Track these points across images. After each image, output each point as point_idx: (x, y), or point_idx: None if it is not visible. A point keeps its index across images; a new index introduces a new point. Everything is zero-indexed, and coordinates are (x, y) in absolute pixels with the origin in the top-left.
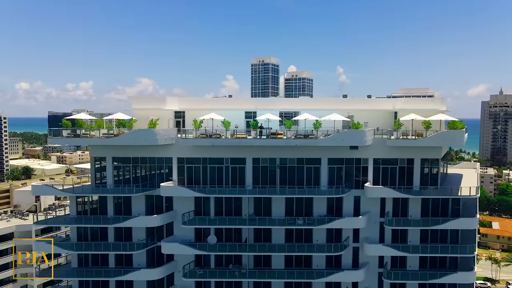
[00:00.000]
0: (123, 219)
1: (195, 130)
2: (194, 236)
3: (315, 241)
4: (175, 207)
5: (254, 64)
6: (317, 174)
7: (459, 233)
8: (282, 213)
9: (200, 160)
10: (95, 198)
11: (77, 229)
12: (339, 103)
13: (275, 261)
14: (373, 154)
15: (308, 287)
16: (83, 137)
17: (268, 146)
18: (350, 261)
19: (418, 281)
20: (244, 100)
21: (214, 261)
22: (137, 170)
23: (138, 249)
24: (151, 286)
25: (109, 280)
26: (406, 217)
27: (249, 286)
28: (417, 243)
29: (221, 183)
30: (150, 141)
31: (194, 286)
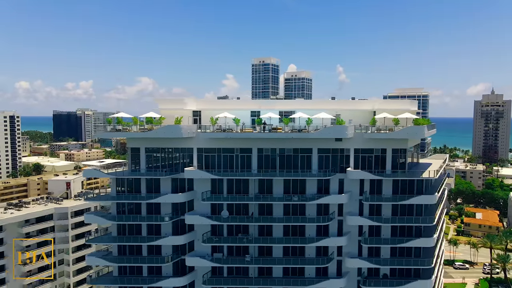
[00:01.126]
0: (155, 196)
1: (212, 126)
2: (210, 210)
3: (308, 214)
4: (195, 188)
5: (255, 64)
6: (309, 161)
7: (422, 208)
8: (281, 192)
9: (215, 149)
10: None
11: (117, 204)
12: (328, 104)
13: (276, 231)
14: (354, 145)
15: (302, 251)
16: (123, 131)
17: (270, 139)
18: (336, 230)
19: (389, 245)
20: (249, 101)
21: (226, 230)
22: (164, 158)
23: (166, 220)
24: (176, 250)
25: (142, 246)
26: (380, 195)
27: (254, 250)
28: (389, 216)
29: (232, 168)
30: (176, 134)
31: (210, 250)
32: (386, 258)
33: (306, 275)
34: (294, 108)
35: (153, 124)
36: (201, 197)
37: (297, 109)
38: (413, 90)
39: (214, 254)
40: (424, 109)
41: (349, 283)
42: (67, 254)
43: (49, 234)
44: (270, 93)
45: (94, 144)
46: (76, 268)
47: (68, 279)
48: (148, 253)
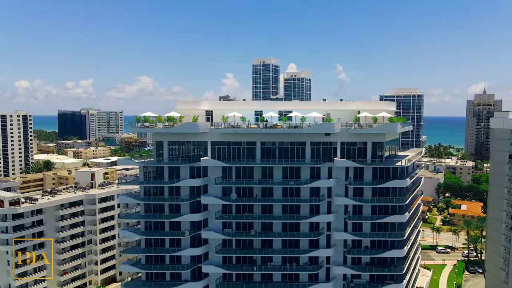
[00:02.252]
0: (176, 181)
1: (223, 123)
2: (221, 193)
3: (302, 196)
4: (209, 174)
5: (255, 64)
6: (303, 152)
7: (397, 190)
8: (280, 178)
9: (226, 143)
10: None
11: (144, 188)
12: (320, 105)
13: (276, 210)
14: (340, 138)
15: (297, 227)
16: (151, 127)
17: (271, 134)
18: (326, 209)
19: (369, 221)
20: (253, 103)
21: (234, 209)
22: (184, 150)
23: (185, 201)
24: (193, 226)
25: (164, 222)
26: (362, 180)
27: (258, 226)
28: (369, 197)
29: (239, 157)
30: (194, 130)
31: (221, 226)
32: (367, 232)
33: (301, 247)
34: (291, 108)
35: (173, 121)
36: (214, 182)
37: (294, 109)
38: (408, 90)
39: (225, 230)
40: (418, 108)
41: (337, 253)
42: (95, 234)
43: (80, 217)
44: (270, 92)
45: (98, 142)
46: (102, 247)
47: (95, 256)
48: (169, 228)
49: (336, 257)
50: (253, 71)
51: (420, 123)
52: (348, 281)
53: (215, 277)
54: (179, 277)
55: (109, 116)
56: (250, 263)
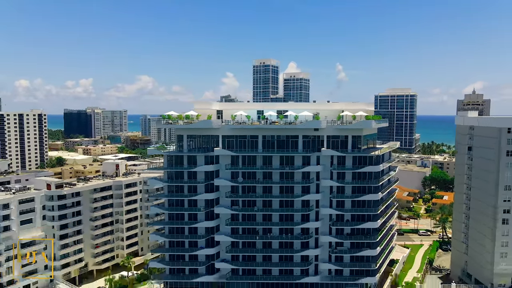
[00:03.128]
0: (193, 167)
1: (232, 120)
2: (230, 176)
3: (295, 179)
4: (220, 161)
5: (256, 65)
6: (296, 144)
7: (372, 174)
8: (278, 164)
9: (234, 136)
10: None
11: (168, 172)
12: (311, 105)
13: (274, 190)
14: (326, 133)
15: (292, 204)
16: (180, 123)
17: (270, 129)
18: (315, 190)
19: (350, 199)
20: (256, 104)
21: (241, 190)
22: (200, 142)
23: (201, 183)
24: (207, 203)
25: (184, 200)
26: (344, 166)
27: (260, 203)
28: (350, 180)
29: (244, 148)
30: (209, 126)
31: (230, 203)
32: (348, 208)
33: (294, 220)
34: (287, 108)
35: (191, 119)
36: (225, 168)
37: (289, 108)
38: (402, 90)
39: (233, 206)
40: (411, 107)
41: (323, 225)
42: (121, 215)
43: (109, 200)
44: (270, 92)
45: (104, 140)
46: (127, 226)
47: (121, 233)
48: (188, 205)
49: (323, 228)
50: (254, 72)
51: (413, 121)
52: (333, 248)
53: (225, 245)
54: (196, 245)
55: (113, 115)
56: (254, 233)
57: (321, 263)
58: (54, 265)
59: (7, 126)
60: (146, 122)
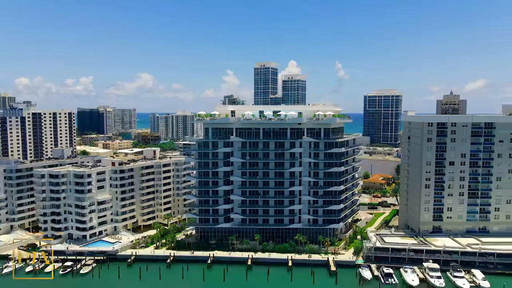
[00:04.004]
0: (215, 149)
1: (241, 117)
2: (241, 155)
3: (285, 157)
4: (234, 145)
5: (257, 67)
6: (286, 133)
7: (338, 154)
8: (273, 147)
9: (243, 128)
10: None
11: (198, 153)
12: (297, 107)
13: (271, 165)
14: (306, 126)
15: (283, 174)
16: (203, 121)
17: (268, 123)
18: (299, 164)
19: (323, 171)
20: (258, 106)
21: (248, 165)
22: (220, 132)
23: (221, 160)
24: (225, 174)
25: (209, 171)
26: (318, 148)
27: (260, 174)
28: (322, 158)
29: (250, 136)
30: (227, 121)
31: (241, 174)
32: (321, 177)
33: (285, 185)
34: (280, 109)
35: (213, 116)
36: (237, 149)
37: (281, 109)
38: (388, 91)
39: (243, 176)
40: (396, 106)
41: (304, 189)
42: (160, 187)
43: (151, 175)
44: (270, 92)
45: (117, 137)
46: (164, 195)
47: (160, 200)
48: (212, 175)
49: (304, 191)
50: (255, 73)
51: (398, 119)
52: (311, 205)
53: (237, 202)
54: (217, 202)
55: (123, 114)
56: (256, 194)
57: (303, 214)
58: (116, 218)
59: (44, 123)
60: (154, 120)
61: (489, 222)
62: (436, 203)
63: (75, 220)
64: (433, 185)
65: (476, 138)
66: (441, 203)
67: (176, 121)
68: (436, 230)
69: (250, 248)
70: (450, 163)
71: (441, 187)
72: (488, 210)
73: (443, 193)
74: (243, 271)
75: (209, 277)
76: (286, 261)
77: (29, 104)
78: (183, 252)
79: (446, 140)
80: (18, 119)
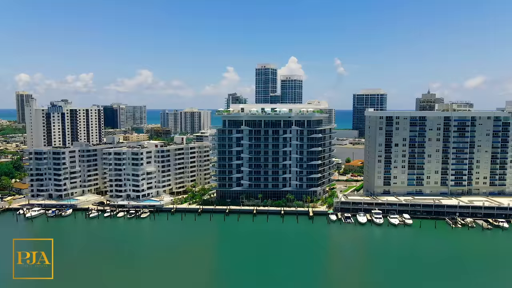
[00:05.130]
0: (231, 134)
1: (249, 112)
2: (249, 139)
3: (280, 141)
4: (243, 132)
5: (258, 68)
6: (280, 123)
7: (316, 138)
8: (271, 133)
9: (250, 120)
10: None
11: (219, 137)
12: (288, 106)
13: (269, 146)
14: (295, 118)
15: (278, 152)
16: (224, 114)
17: (268, 117)
18: (289, 146)
19: (306, 150)
20: (260, 104)
21: (254, 146)
22: (235, 123)
23: (234, 142)
24: (237, 152)
25: (226, 150)
26: (303, 134)
27: (262, 152)
28: (306, 141)
29: (255, 126)
30: (239, 115)
31: (249, 152)
32: (305, 154)
33: (279, 161)
34: (276, 107)
35: (229, 112)
36: (245, 135)
37: (277, 107)
38: (374, 90)
39: (249, 154)
40: (381, 104)
41: (293, 162)
42: (187, 163)
43: (181, 155)
44: (270, 91)
45: (130, 131)
46: (190, 170)
47: (188, 173)
48: (227, 154)
49: (293, 165)
50: (256, 73)
51: None
52: (298, 174)
53: (246, 172)
54: (231, 172)
55: (135, 110)
56: (259, 167)
57: (292, 181)
58: (158, 185)
59: (79, 118)
60: (164, 115)
61: (423, 186)
62: (386, 174)
63: (132, 185)
64: (383, 161)
65: (413, 127)
66: (389, 173)
67: (184, 117)
68: (386, 192)
69: (254, 204)
70: (395, 145)
71: (389, 162)
72: (422, 178)
73: (390, 166)
74: (250, 218)
75: (227, 221)
76: (280, 211)
77: (66, 102)
78: (208, 206)
79: (392, 129)
80: (59, 114)
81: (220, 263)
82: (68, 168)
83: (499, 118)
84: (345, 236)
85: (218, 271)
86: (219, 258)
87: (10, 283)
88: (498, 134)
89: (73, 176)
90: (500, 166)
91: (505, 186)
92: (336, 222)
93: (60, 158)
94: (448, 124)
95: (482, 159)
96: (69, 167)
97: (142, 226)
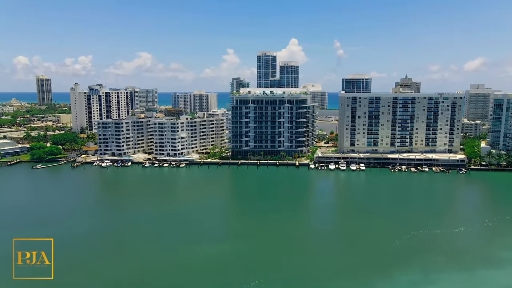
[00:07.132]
0: (241, 109)
1: (255, 94)
2: (254, 114)
3: (276, 114)
4: (250, 108)
5: (259, 55)
6: (277, 102)
7: (303, 113)
8: (270, 109)
9: (256, 99)
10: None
11: (232, 112)
12: (283, 89)
13: (269, 119)
14: (287, 98)
15: (275, 123)
16: (236, 95)
17: (267, 97)
18: (283, 118)
19: (295, 120)
20: (262, 88)
21: (258, 118)
22: (244, 101)
23: (243, 115)
24: (246, 123)
25: (237, 121)
26: (292, 109)
27: (264, 126)
28: (295, 114)
29: (259, 103)
30: (247, 96)
31: (253, 123)
32: (295, 124)
33: (276, 128)
34: (274, 90)
35: (239, 94)
36: (252, 110)
37: (274, 90)
38: (360, 75)
39: (254, 124)
40: (366, 87)
41: (286, 130)
42: (208, 131)
43: (206, 125)
44: (270, 75)
45: (146, 112)
46: (210, 137)
47: (209, 138)
48: (239, 124)
49: (286, 131)
50: (258, 60)
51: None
52: (289, 138)
53: (252, 137)
54: (241, 137)
55: (147, 93)
56: (261, 133)
57: (286, 143)
58: (188, 147)
59: (111, 99)
60: (175, 98)
61: (378, 146)
62: (352, 138)
63: (171, 146)
64: (350, 128)
65: (371, 105)
66: (354, 137)
67: (194, 99)
68: (351, 151)
69: (258, 159)
70: (358, 117)
71: (354, 129)
72: (377, 140)
73: (355, 132)
74: (255, 168)
75: (239, 169)
76: (276, 163)
77: (101, 86)
78: (225, 160)
79: (356, 106)
80: (97, 96)
81: (235, 192)
82: (124, 134)
83: (432, 98)
84: (319, 177)
85: (234, 196)
86: (234, 190)
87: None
88: (431, 109)
89: (128, 140)
90: (432, 132)
91: (436, 146)
92: (314, 169)
93: (119, 127)
94: (396, 102)
95: (420, 127)
96: (125, 133)
97: (181, 173)
